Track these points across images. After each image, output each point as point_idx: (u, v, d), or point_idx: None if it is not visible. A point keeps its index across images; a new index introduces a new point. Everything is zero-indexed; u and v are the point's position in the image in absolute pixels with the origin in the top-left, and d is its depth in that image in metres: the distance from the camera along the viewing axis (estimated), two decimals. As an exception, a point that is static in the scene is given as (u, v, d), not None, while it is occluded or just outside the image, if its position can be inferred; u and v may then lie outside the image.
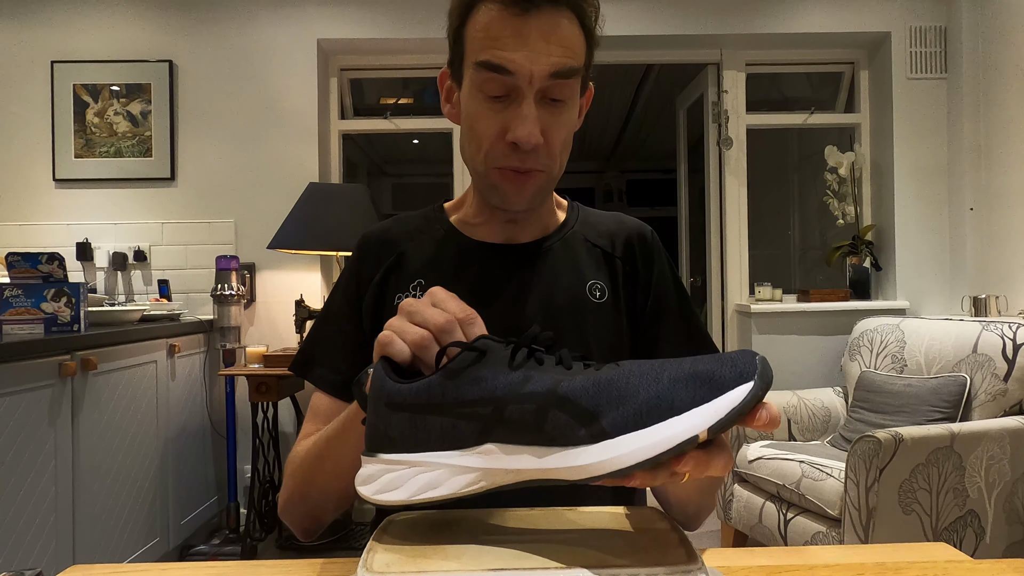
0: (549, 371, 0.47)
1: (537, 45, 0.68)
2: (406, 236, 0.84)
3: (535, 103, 0.70)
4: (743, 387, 0.41)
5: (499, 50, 0.68)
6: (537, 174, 0.74)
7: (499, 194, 0.76)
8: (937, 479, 1.83)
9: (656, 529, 0.53)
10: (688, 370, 0.43)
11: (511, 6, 0.68)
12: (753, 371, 0.42)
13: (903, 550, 0.60)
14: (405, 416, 0.49)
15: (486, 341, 0.50)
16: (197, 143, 2.87)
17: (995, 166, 2.72)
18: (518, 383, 0.47)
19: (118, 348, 2.09)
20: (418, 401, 0.49)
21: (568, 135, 0.75)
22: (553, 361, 0.49)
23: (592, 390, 0.45)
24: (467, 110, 0.74)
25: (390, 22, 2.89)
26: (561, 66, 0.69)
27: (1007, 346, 2.11)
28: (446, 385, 0.49)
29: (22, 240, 2.81)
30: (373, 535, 0.52)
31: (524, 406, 0.46)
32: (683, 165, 3.75)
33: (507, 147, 0.71)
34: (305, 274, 2.87)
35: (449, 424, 0.49)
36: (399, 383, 0.50)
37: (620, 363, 0.48)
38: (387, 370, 0.51)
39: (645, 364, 0.46)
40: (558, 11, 0.69)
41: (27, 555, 1.67)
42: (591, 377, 0.46)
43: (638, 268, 0.83)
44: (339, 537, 2.57)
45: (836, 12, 2.94)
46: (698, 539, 2.63)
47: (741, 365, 0.42)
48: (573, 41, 0.70)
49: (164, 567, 0.59)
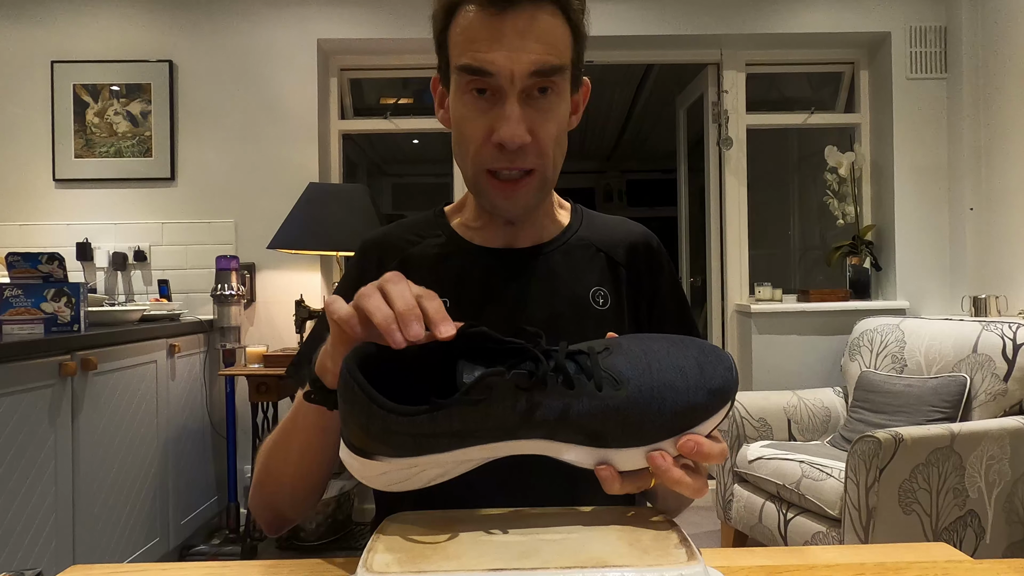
0: (554, 392, 0.50)
1: (515, 42, 0.67)
2: (408, 241, 0.83)
3: (519, 102, 0.69)
4: (723, 410, 0.53)
5: (478, 52, 0.68)
6: (528, 177, 0.73)
7: (489, 202, 0.75)
8: (937, 479, 1.83)
9: (656, 529, 0.53)
10: (685, 404, 0.51)
11: (488, 6, 0.67)
12: (731, 395, 0.53)
13: (903, 550, 0.60)
14: (408, 439, 0.49)
15: (488, 379, 0.49)
16: (197, 143, 2.87)
17: (995, 166, 2.72)
18: (525, 411, 0.49)
19: (118, 348, 2.09)
20: (421, 432, 0.48)
21: (560, 132, 0.74)
22: (556, 379, 0.50)
23: (600, 416, 0.50)
24: (455, 114, 0.74)
25: (390, 22, 2.89)
26: (541, 63, 0.68)
27: (1007, 346, 2.11)
28: (452, 416, 0.48)
29: (22, 240, 2.81)
30: (373, 535, 0.52)
31: (534, 430, 0.50)
32: (683, 165, 3.75)
33: (494, 148, 0.71)
34: (305, 274, 2.87)
35: (457, 442, 0.50)
36: (395, 411, 0.48)
37: (618, 365, 0.52)
38: (356, 371, 0.49)
39: (646, 387, 0.51)
40: (537, 7, 0.68)
41: (27, 555, 1.67)
42: (596, 403, 0.50)
43: (643, 276, 0.83)
44: (339, 537, 2.57)
45: (836, 12, 2.94)
46: (698, 539, 2.63)
47: (726, 390, 0.53)
48: (555, 37, 0.69)
49: (164, 567, 0.59)
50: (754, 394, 2.53)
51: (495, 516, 0.56)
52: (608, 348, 0.54)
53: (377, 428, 0.48)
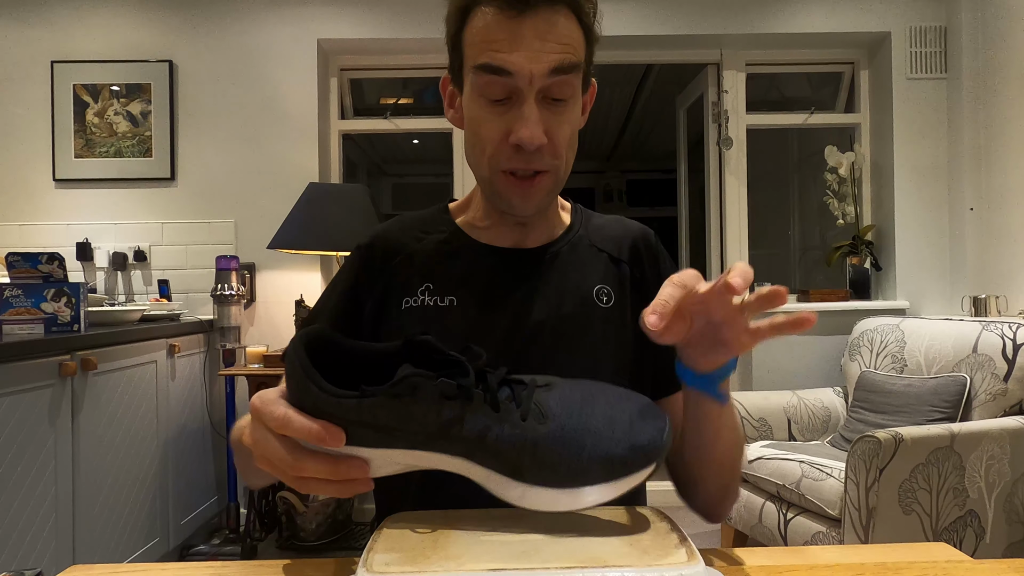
0: (479, 411, 0.50)
1: (534, 44, 0.68)
2: (412, 238, 0.83)
3: (537, 103, 0.69)
4: (645, 471, 0.51)
5: (497, 52, 0.68)
6: (543, 176, 0.74)
7: (505, 201, 0.75)
8: (937, 479, 1.83)
9: (656, 529, 0.53)
10: (604, 453, 0.50)
11: (506, 8, 0.68)
12: (656, 456, 0.51)
13: (903, 550, 0.60)
14: (338, 424, 0.51)
15: (414, 377, 0.50)
16: (197, 143, 2.87)
17: (995, 166, 2.72)
18: (447, 422, 0.50)
19: (118, 348, 2.09)
20: (348, 418, 0.50)
21: (573, 133, 0.75)
22: (481, 398, 0.50)
23: (518, 446, 0.50)
24: (469, 115, 0.74)
25: (390, 22, 2.89)
26: (561, 62, 0.68)
27: (1007, 346, 2.11)
28: (376, 408, 0.50)
29: (22, 240, 2.81)
30: (373, 535, 0.52)
31: (453, 445, 0.51)
32: (683, 165, 3.75)
33: (511, 149, 0.71)
34: (305, 274, 2.87)
35: (382, 439, 0.51)
36: (326, 390, 0.50)
37: (549, 401, 0.52)
38: (300, 349, 0.52)
39: (569, 427, 0.51)
40: (554, 10, 0.68)
41: (27, 555, 1.67)
42: (517, 432, 0.50)
43: (644, 272, 0.83)
44: (339, 537, 2.57)
45: (836, 12, 2.94)
46: (698, 539, 2.62)
47: (650, 450, 0.51)
48: (571, 37, 0.70)
49: (164, 567, 0.59)
50: (754, 394, 2.53)
51: (495, 516, 0.56)
52: (549, 385, 0.54)
53: (309, 405, 0.50)
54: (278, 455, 0.51)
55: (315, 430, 0.49)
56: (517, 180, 0.73)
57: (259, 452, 0.52)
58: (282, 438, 0.51)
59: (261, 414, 0.52)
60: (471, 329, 0.76)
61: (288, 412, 0.50)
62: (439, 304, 0.77)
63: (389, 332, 0.78)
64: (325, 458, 0.51)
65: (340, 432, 0.50)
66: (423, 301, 0.78)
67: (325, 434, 0.50)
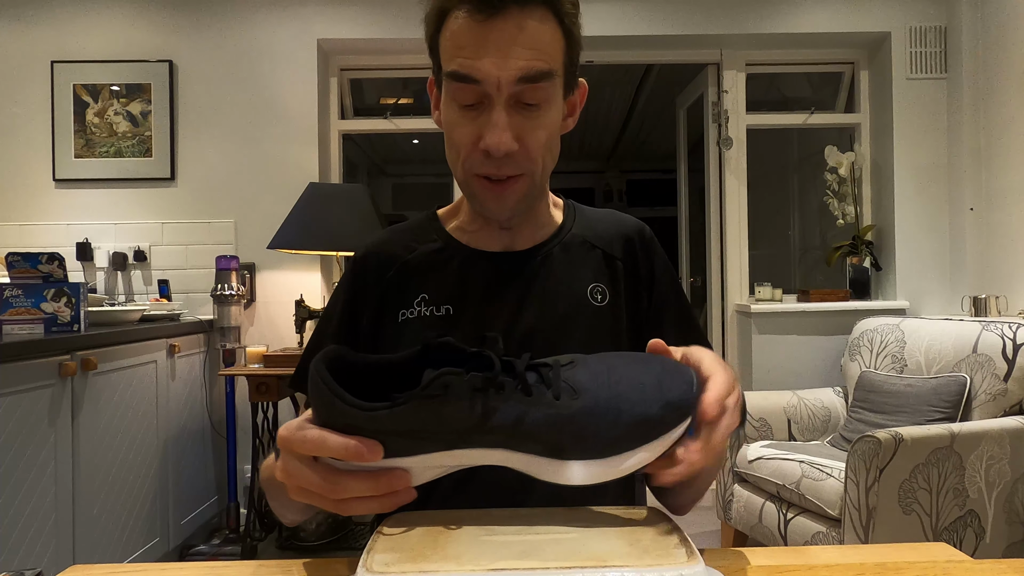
0: (511, 399, 0.50)
1: (502, 50, 0.66)
2: (404, 249, 0.83)
3: (507, 108, 0.69)
4: (681, 426, 0.52)
5: (465, 59, 0.67)
6: (516, 180, 0.73)
7: (481, 204, 0.76)
8: (937, 479, 1.83)
9: (656, 529, 0.53)
10: (640, 416, 0.51)
11: (475, 13, 0.67)
12: (690, 409, 0.52)
13: (903, 550, 0.60)
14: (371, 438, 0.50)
15: (444, 376, 0.50)
16: (197, 143, 2.87)
17: (995, 166, 2.72)
18: (481, 415, 0.50)
19: (118, 348, 2.09)
20: (381, 429, 0.49)
21: (550, 137, 0.73)
22: (512, 385, 0.50)
23: (557, 425, 0.50)
24: (445, 119, 0.74)
25: (390, 22, 2.89)
26: (528, 70, 0.67)
27: (1007, 346, 2.11)
28: (409, 413, 0.49)
29: (22, 240, 2.81)
30: (373, 535, 0.52)
31: (491, 436, 0.50)
32: (683, 165, 3.75)
33: (482, 154, 0.71)
34: (305, 274, 2.87)
35: (417, 445, 0.50)
36: (356, 406, 0.49)
37: (577, 376, 0.52)
38: (323, 369, 0.51)
39: (602, 398, 0.51)
40: (525, 12, 0.67)
41: (27, 555, 1.67)
42: (552, 412, 0.50)
43: (639, 268, 0.83)
44: (339, 537, 2.57)
45: (836, 12, 2.94)
46: (698, 539, 2.63)
47: (683, 405, 0.52)
48: (544, 41, 0.68)
49: (164, 567, 0.59)
50: (754, 394, 2.53)
51: (495, 516, 0.56)
52: (572, 362, 0.54)
53: (339, 424, 0.49)
54: (314, 482, 0.50)
55: (352, 446, 0.48)
56: (491, 184, 0.73)
57: (294, 483, 0.51)
58: (315, 464, 0.50)
59: (291, 442, 0.50)
60: (467, 337, 0.76)
61: (322, 433, 0.49)
62: (435, 314, 0.77)
63: (386, 345, 0.78)
64: (364, 475, 0.49)
65: (377, 445, 0.49)
66: (419, 312, 0.78)
67: (363, 448, 0.48)
